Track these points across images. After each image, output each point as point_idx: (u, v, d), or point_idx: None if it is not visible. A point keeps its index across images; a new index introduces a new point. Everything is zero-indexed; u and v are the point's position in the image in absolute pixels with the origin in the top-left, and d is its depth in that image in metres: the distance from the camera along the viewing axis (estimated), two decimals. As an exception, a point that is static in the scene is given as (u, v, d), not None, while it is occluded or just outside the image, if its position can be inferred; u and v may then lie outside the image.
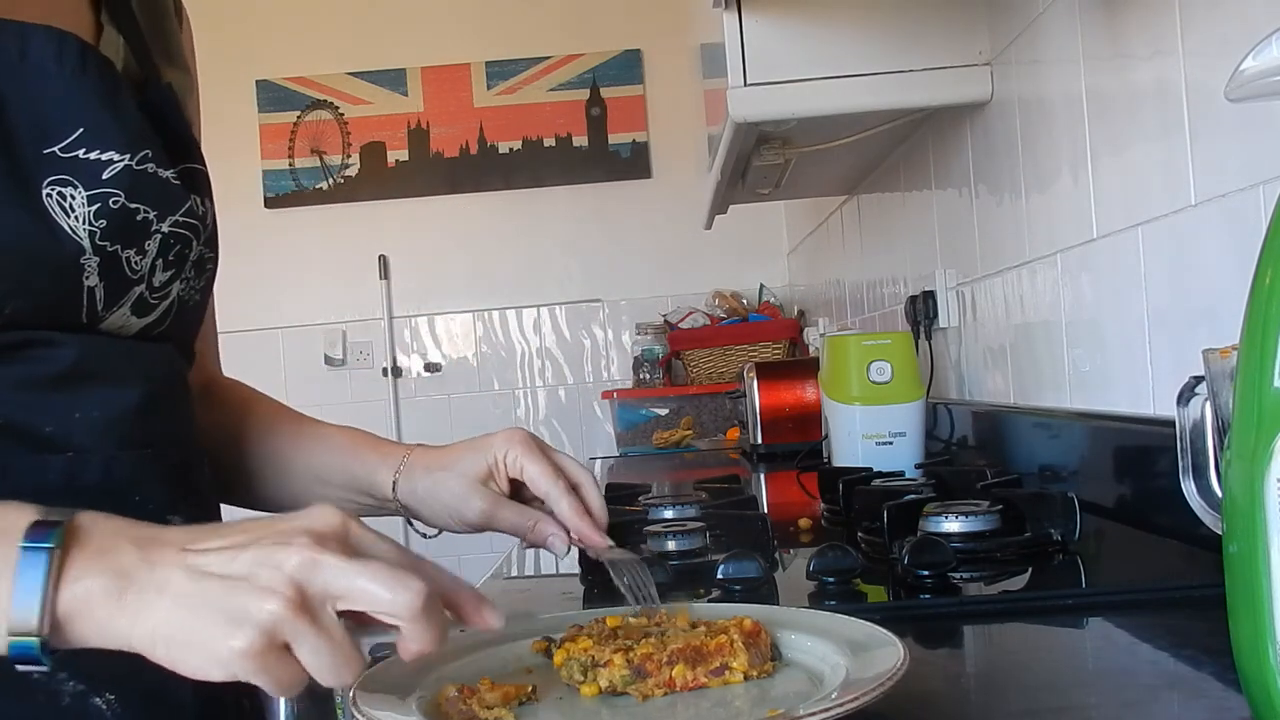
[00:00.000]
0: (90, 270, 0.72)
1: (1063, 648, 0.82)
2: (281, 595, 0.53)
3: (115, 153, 0.73)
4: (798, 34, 1.55)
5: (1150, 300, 1.13)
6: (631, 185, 4.01)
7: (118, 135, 0.73)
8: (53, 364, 0.71)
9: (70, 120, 0.72)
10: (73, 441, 0.72)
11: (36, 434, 0.71)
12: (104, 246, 0.72)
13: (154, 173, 0.75)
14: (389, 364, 4.00)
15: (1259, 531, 0.49)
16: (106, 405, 0.74)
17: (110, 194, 0.72)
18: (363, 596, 0.55)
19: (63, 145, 0.71)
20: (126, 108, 0.75)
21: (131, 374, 0.76)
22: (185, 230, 0.78)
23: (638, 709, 0.63)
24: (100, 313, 0.74)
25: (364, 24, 4.01)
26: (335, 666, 0.54)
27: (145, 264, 0.76)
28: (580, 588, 1.05)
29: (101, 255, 0.72)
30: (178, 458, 0.80)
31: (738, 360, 3.37)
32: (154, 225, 0.76)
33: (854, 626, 0.69)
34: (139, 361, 0.77)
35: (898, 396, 1.63)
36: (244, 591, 0.53)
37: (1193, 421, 0.62)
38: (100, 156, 0.72)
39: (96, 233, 0.72)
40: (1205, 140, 0.99)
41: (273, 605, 0.53)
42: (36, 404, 0.71)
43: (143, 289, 0.76)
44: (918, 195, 2.02)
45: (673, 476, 2.38)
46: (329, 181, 4.03)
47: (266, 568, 0.54)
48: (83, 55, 0.73)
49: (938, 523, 1.04)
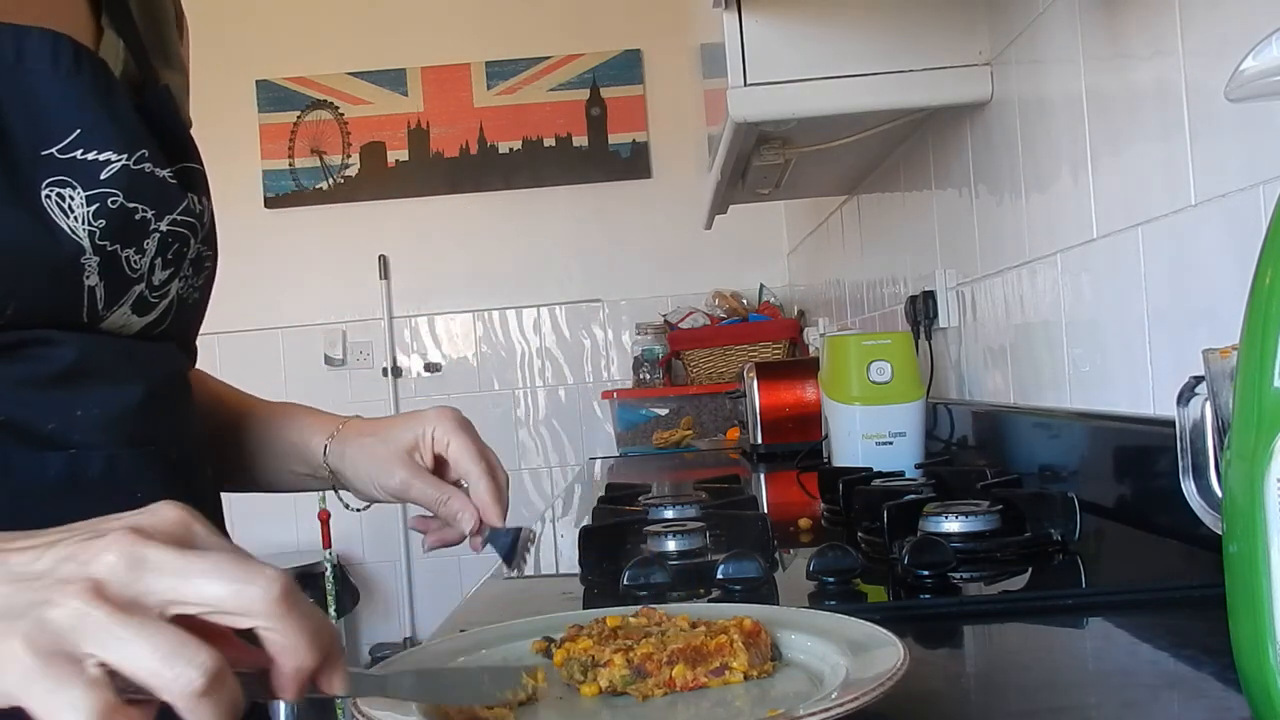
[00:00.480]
0: (90, 270, 0.73)
1: (1063, 648, 0.82)
2: (79, 588, 0.43)
3: (113, 153, 0.73)
4: (798, 34, 1.55)
5: (1150, 300, 1.13)
6: (631, 185, 4.01)
7: (115, 135, 0.74)
8: (54, 363, 0.72)
9: (67, 121, 0.72)
10: (74, 439, 0.73)
11: (38, 432, 0.71)
12: (103, 246, 0.73)
13: (151, 172, 0.76)
14: (389, 364, 4.00)
15: (1259, 531, 0.49)
16: (108, 403, 0.74)
17: (109, 194, 0.73)
18: (196, 592, 0.45)
19: (60, 146, 0.71)
20: (123, 108, 0.76)
21: (132, 372, 0.77)
22: (183, 229, 0.79)
23: (638, 709, 0.63)
24: (101, 312, 0.74)
25: (364, 24, 4.01)
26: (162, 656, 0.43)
27: (144, 263, 0.76)
28: (580, 588, 1.05)
29: (101, 255, 0.73)
30: (180, 455, 0.81)
31: (738, 360, 3.37)
32: (152, 224, 0.76)
33: (854, 626, 0.69)
34: (140, 360, 0.78)
35: (898, 396, 1.63)
36: (35, 589, 0.44)
37: (1193, 421, 0.62)
38: (98, 157, 0.73)
39: (96, 232, 0.72)
40: (1205, 140, 0.99)
41: (66, 600, 0.43)
42: (38, 402, 0.71)
43: (142, 288, 0.77)
44: (918, 195, 2.02)
45: (673, 476, 2.38)
46: (329, 181, 4.03)
47: (70, 563, 0.45)
48: (77, 56, 0.74)
49: (938, 523, 1.04)
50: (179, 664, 0.43)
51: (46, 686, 0.42)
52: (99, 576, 0.44)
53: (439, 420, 0.91)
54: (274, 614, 0.46)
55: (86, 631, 0.43)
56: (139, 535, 0.46)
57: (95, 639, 0.43)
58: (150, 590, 0.45)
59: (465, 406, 3.98)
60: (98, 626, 0.43)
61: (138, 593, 0.45)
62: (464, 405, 4.35)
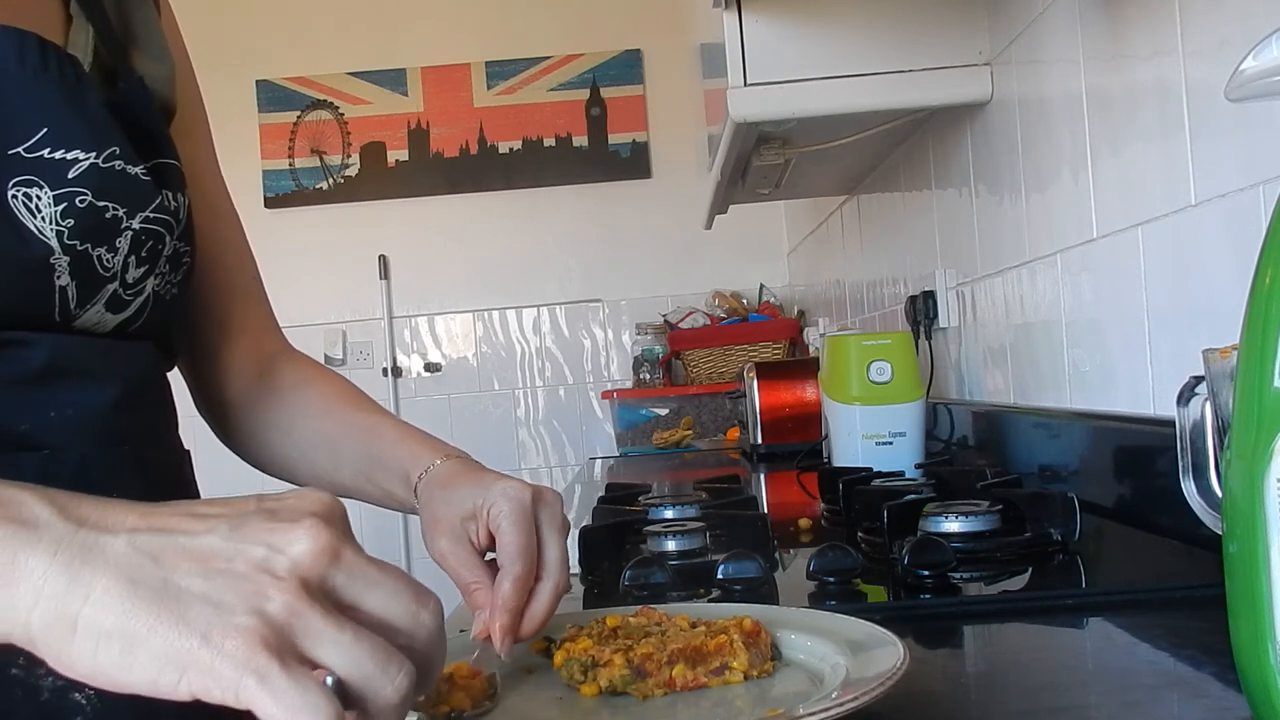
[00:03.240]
0: (61, 270, 0.72)
1: (1063, 648, 0.82)
2: (289, 584, 0.42)
3: (81, 151, 0.72)
4: (798, 34, 1.55)
5: (1150, 300, 1.13)
6: (631, 185, 4.01)
7: (83, 133, 0.73)
8: (26, 364, 0.71)
9: (34, 120, 0.71)
10: (48, 440, 0.72)
11: (11, 432, 0.71)
12: (73, 246, 0.72)
13: (122, 169, 0.75)
14: (389, 364, 4.00)
15: (1259, 531, 0.49)
16: (81, 403, 0.74)
17: (77, 193, 0.72)
18: (380, 604, 0.44)
19: (27, 146, 0.71)
20: (92, 105, 0.75)
21: (107, 372, 0.76)
22: (157, 226, 0.78)
23: (638, 709, 0.63)
24: (74, 310, 0.74)
25: (364, 24, 4.01)
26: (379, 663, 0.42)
27: (117, 261, 0.75)
28: (580, 588, 1.05)
29: (71, 255, 0.72)
30: (155, 456, 0.80)
31: (738, 360, 3.37)
32: (124, 222, 0.75)
33: (854, 626, 0.69)
34: (115, 359, 0.77)
35: (898, 396, 1.63)
36: (237, 579, 0.42)
37: (1193, 421, 0.62)
38: (66, 156, 0.72)
39: (65, 232, 0.72)
40: (1205, 140, 0.99)
41: (277, 594, 0.41)
42: (10, 403, 0.71)
43: (116, 286, 0.76)
44: (918, 195, 2.02)
45: (673, 476, 2.38)
46: (329, 181, 4.03)
47: (262, 548, 0.43)
48: (44, 54, 0.73)
49: (938, 523, 1.04)
50: (392, 670, 0.42)
51: (286, 687, 0.40)
52: (303, 570, 0.43)
53: (503, 495, 0.74)
54: (433, 645, 0.46)
55: (306, 631, 0.41)
56: (327, 526, 0.44)
57: (315, 639, 0.42)
58: (339, 588, 0.44)
59: (465, 406, 3.97)
60: (316, 626, 0.42)
61: (329, 589, 0.43)
62: (464, 405, 4.32)
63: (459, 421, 3.98)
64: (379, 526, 3.93)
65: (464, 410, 4.00)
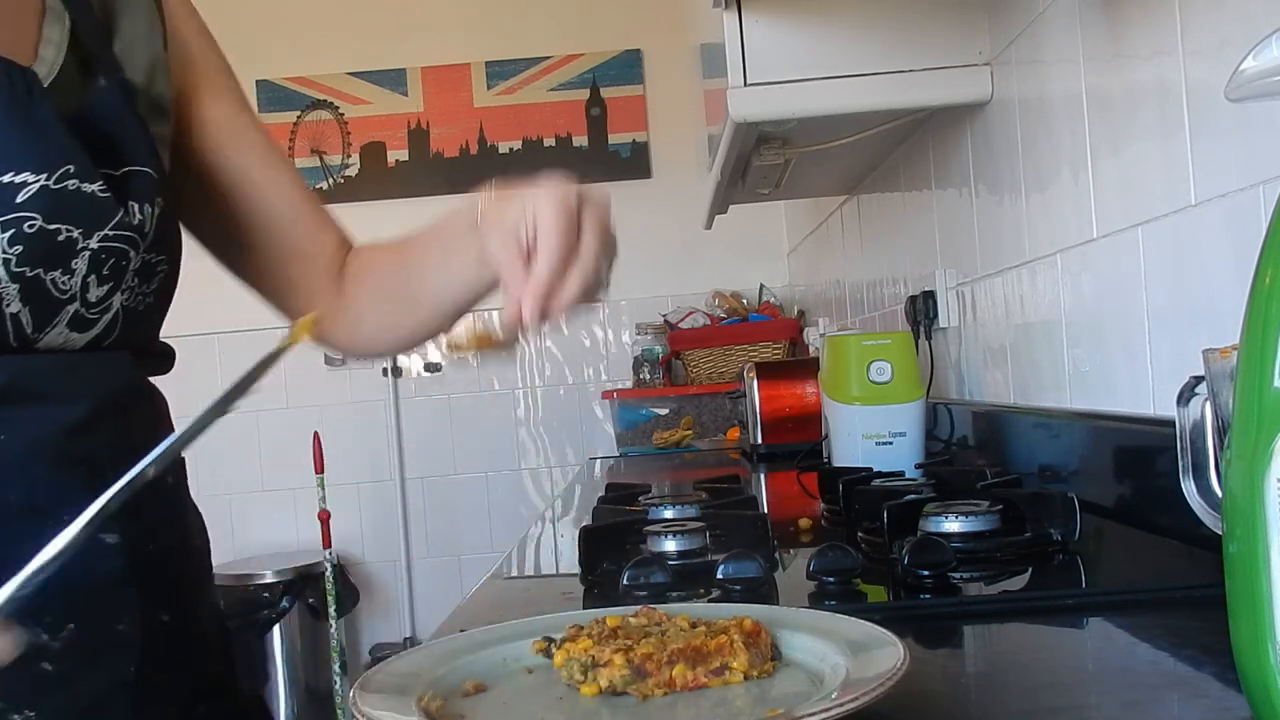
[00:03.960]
0: (10, 298, 0.70)
1: (1063, 648, 0.82)
2: None
3: (30, 174, 0.70)
4: (798, 34, 1.55)
5: (1150, 300, 1.13)
6: (631, 185, 4.01)
7: (34, 155, 0.71)
8: None
9: None
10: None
11: None
12: (22, 273, 0.70)
13: (77, 189, 0.72)
14: (389, 364, 4.00)
15: (1259, 531, 0.49)
16: (35, 426, 0.72)
17: (26, 218, 0.70)
18: None
19: None
20: (44, 123, 0.72)
21: (74, 389, 0.74)
22: (118, 243, 0.75)
23: (638, 709, 0.63)
24: (31, 335, 0.72)
25: (364, 24, 4.01)
26: None
27: (74, 283, 0.73)
28: (580, 588, 1.05)
29: (21, 281, 0.70)
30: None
31: (738, 360, 3.37)
32: (80, 244, 0.73)
33: (854, 626, 0.69)
34: (84, 374, 0.75)
35: (898, 396, 1.63)
36: None
37: (1193, 421, 0.62)
38: (14, 179, 0.70)
39: (12, 259, 0.69)
40: (1205, 140, 0.99)
41: None
42: None
43: (77, 306, 0.74)
44: (918, 195, 2.02)
45: (673, 476, 2.38)
46: (329, 181, 4.03)
47: None
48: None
49: (938, 523, 1.04)
50: None
51: None
52: None
53: (546, 195, 0.76)
54: None
55: None
56: None
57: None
58: None
59: (465, 407, 3.96)
60: None
61: None
62: (464, 405, 4.31)
63: (459, 422, 3.98)
64: (379, 526, 3.94)
65: (464, 410, 4.00)
